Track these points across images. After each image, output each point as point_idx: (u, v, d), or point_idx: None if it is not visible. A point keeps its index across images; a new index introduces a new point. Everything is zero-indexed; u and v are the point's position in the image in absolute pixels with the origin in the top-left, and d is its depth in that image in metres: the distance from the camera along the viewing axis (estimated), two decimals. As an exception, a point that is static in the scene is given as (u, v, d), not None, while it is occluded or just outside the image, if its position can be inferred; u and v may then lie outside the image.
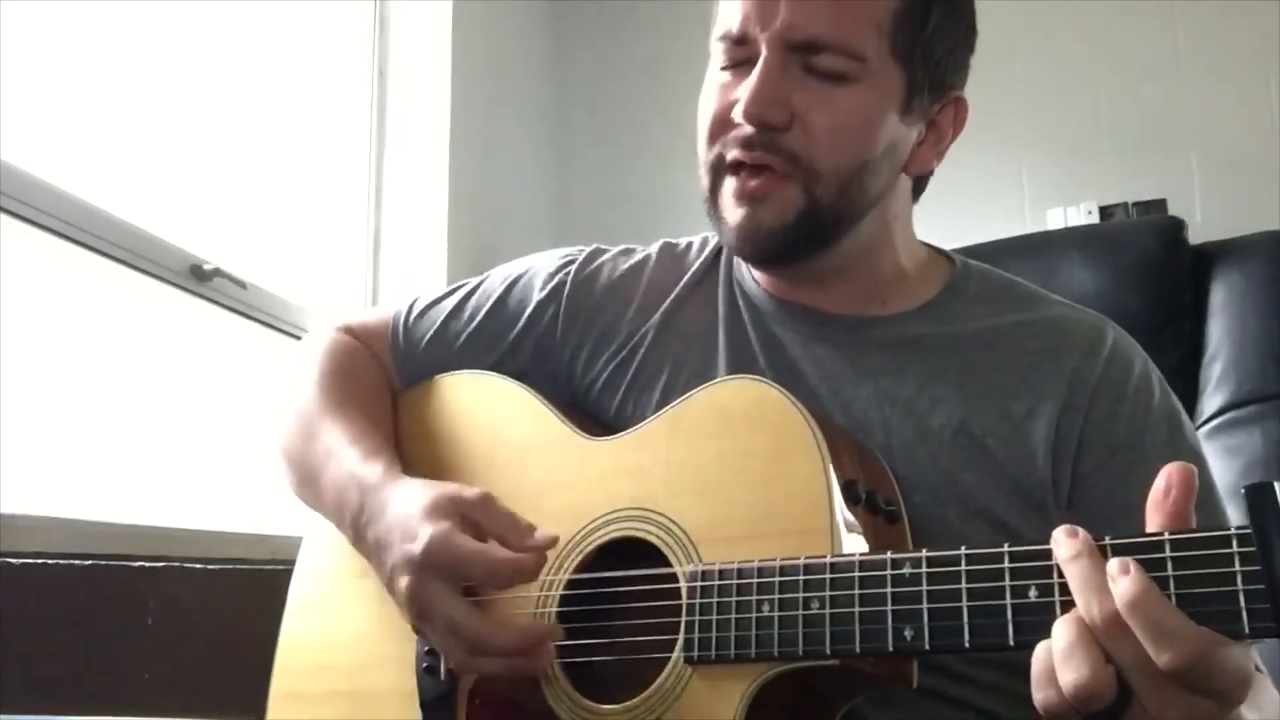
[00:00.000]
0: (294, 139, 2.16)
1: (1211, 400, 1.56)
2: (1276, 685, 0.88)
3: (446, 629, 0.87)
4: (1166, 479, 0.66)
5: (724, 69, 0.98)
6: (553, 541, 0.88)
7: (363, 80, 2.40)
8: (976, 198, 2.53)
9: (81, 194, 1.55)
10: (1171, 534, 0.64)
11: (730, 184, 0.96)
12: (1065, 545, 0.66)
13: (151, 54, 1.78)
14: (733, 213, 0.96)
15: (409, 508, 0.90)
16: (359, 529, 0.95)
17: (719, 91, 0.97)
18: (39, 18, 1.54)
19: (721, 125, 0.96)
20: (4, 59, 1.45)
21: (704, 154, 0.99)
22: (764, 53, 0.93)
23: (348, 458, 1.00)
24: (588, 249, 1.15)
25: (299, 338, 1.97)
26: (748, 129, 0.94)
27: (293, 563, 1.13)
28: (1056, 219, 2.58)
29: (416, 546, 0.86)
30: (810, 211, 0.94)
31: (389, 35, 2.45)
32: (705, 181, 0.99)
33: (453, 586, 0.86)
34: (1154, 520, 0.66)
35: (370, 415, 1.08)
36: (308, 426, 1.07)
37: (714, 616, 0.81)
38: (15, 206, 1.42)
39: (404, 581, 0.87)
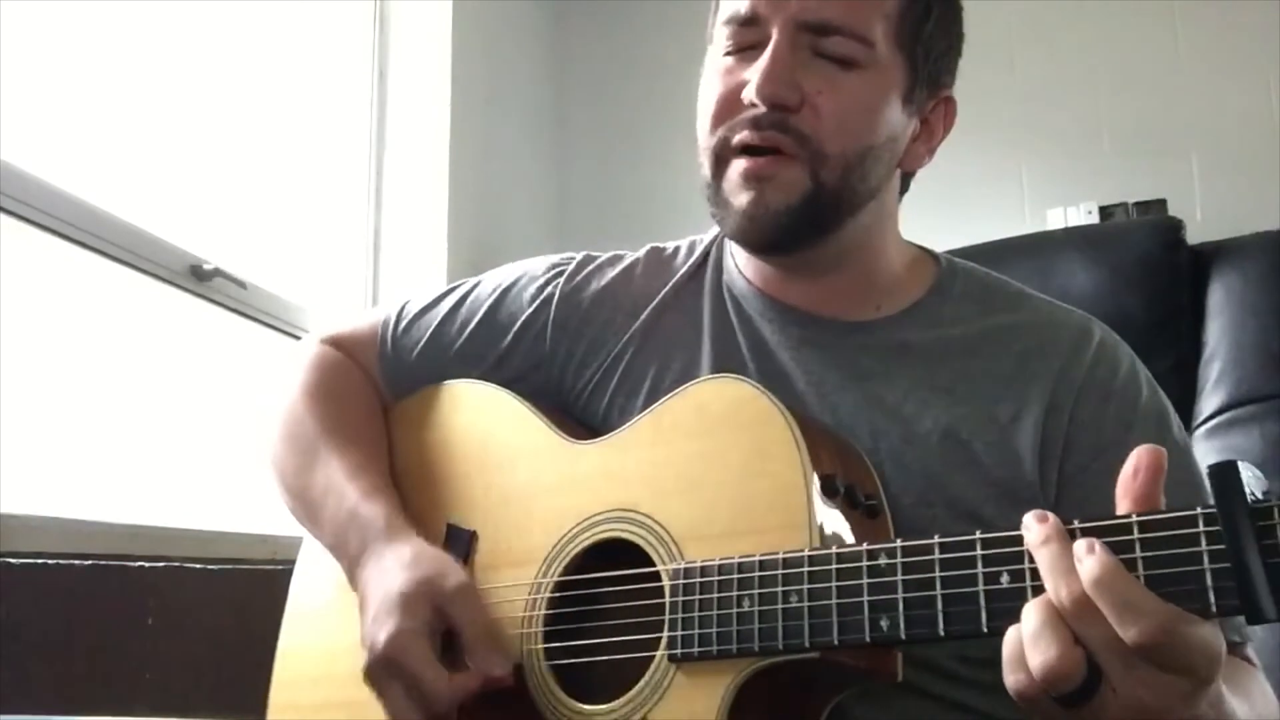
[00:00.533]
0: (294, 139, 2.17)
1: (1210, 400, 1.56)
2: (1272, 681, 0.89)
3: (393, 714, 0.89)
4: (1135, 461, 0.66)
5: (728, 54, 0.97)
6: (511, 663, 0.90)
7: (363, 80, 2.41)
8: (976, 198, 2.53)
9: (81, 194, 1.55)
10: (1139, 515, 0.65)
11: (737, 165, 0.96)
12: (1035, 530, 0.67)
13: (151, 54, 1.79)
14: (738, 196, 0.96)
15: (390, 586, 0.91)
16: (353, 573, 0.98)
17: (723, 75, 0.97)
18: (39, 18, 1.55)
19: (729, 108, 0.96)
20: (4, 59, 1.45)
21: (707, 140, 0.98)
22: (775, 34, 0.94)
23: (347, 495, 1.01)
24: (577, 257, 1.15)
25: (299, 338, 1.97)
26: (759, 109, 0.94)
27: (293, 563, 1.13)
28: (1056, 219, 2.58)
29: (380, 640, 0.88)
30: (814, 194, 0.94)
31: (389, 35, 2.45)
32: (707, 168, 0.99)
33: (402, 686, 0.88)
34: (1123, 503, 0.67)
35: (366, 445, 1.08)
36: (304, 454, 1.07)
37: (696, 614, 0.81)
38: (15, 206, 1.43)
39: (367, 656, 0.90)
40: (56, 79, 1.58)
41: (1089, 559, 0.64)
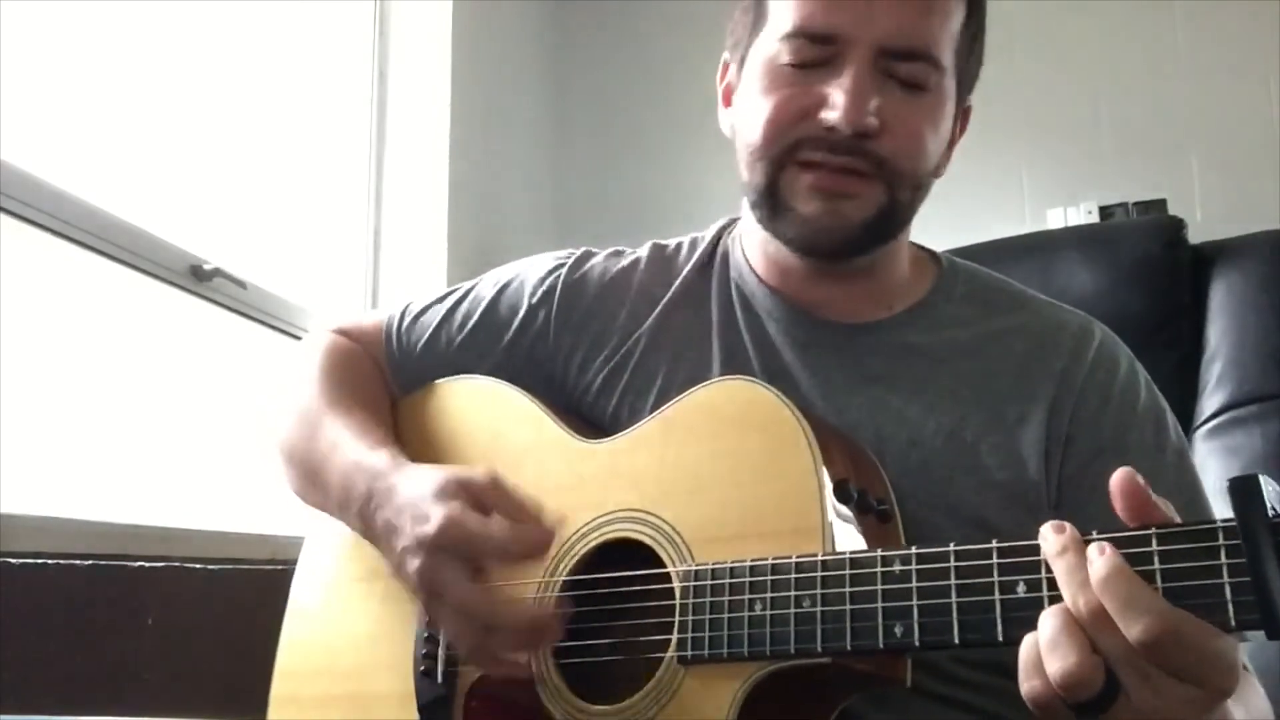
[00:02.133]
0: (294, 139, 2.16)
1: (1211, 400, 1.56)
2: (1266, 687, 0.89)
3: (459, 607, 0.85)
4: (1111, 489, 0.66)
5: (791, 65, 0.96)
6: (561, 521, 0.88)
7: (363, 80, 2.41)
8: (976, 198, 2.53)
9: (81, 194, 1.55)
10: (1158, 528, 0.65)
11: (805, 178, 0.95)
12: (1052, 541, 0.66)
13: (152, 54, 1.78)
14: (807, 204, 0.95)
15: (418, 491, 0.89)
16: (367, 516, 0.94)
17: (787, 85, 0.96)
18: (39, 18, 1.55)
19: (797, 119, 0.95)
20: (4, 59, 1.45)
21: (764, 146, 0.96)
22: (858, 57, 0.92)
23: (353, 449, 1.00)
24: (578, 252, 1.15)
25: (299, 338, 1.97)
26: (842, 133, 0.92)
27: (293, 563, 1.13)
28: (1056, 219, 2.58)
29: (429, 528, 0.85)
30: (890, 209, 0.96)
31: (389, 35, 2.45)
32: (762, 173, 0.97)
33: (465, 567, 0.85)
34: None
35: (372, 411, 1.08)
36: (310, 424, 1.06)
37: (706, 616, 0.81)
38: (15, 206, 1.42)
39: (415, 563, 0.86)
40: (56, 79, 1.58)
41: (1099, 560, 0.64)
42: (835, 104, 0.92)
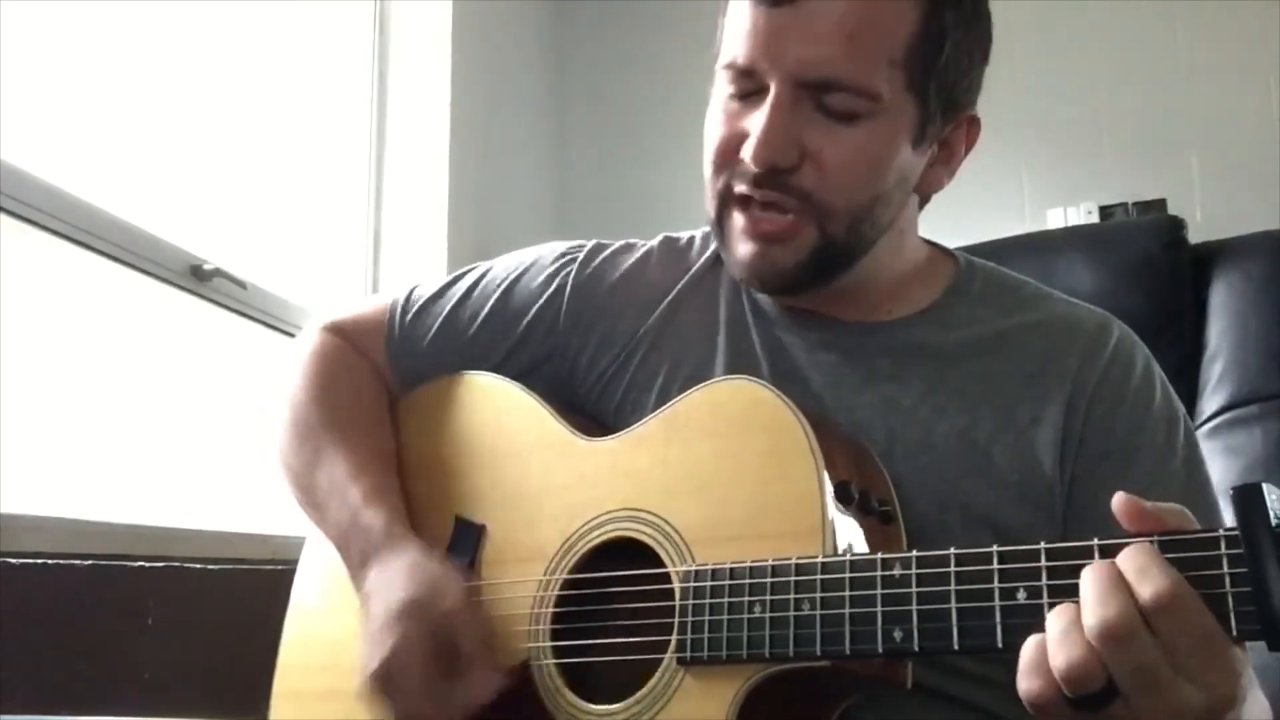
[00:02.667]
0: (294, 139, 2.16)
1: (1211, 400, 1.56)
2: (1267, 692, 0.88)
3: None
4: (1115, 515, 0.66)
5: (731, 97, 0.95)
6: (504, 668, 0.90)
7: (363, 80, 2.41)
8: (976, 198, 2.53)
9: (81, 194, 1.55)
10: (1160, 536, 0.64)
11: (739, 220, 0.95)
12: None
13: (152, 54, 1.78)
14: (742, 247, 0.95)
15: (387, 602, 0.91)
16: (356, 582, 0.98)
17: (726, 120, 0.95)
18: (39, 18, 1.55)
19: (728, 156, 0.94)
20: (4, 59, 1.45)
21: (710, 181, 0.97)
22: (773, 91, 0.90)
23: (350, 498, 1.01)
24: (588, 245, 1.13)
25: (299, 338, 1.97)
26: (754, 169, 0.92)
27: (293, 563, 1.13)
28: (1056, 219, 2.58)
29: (375, 659, 0.89)
30: (823, 248, 0.93)
31: (389, 35, 2.45)
32: (712, 209, 0.98)
33: (396, 708, 0.89)
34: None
35: (371, 441, 1.08)
36: (310, 452, 1.07)
37: (706, 617, 0.81)
38: (15, 206, 1.42)
39: (371, 664, 0.90)
40: (56, 79, 1.58)
41: (1149, 577, 0.62)
42: (751, 137, 0.91)
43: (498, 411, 1.05)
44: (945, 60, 0.92)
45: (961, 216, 2.02)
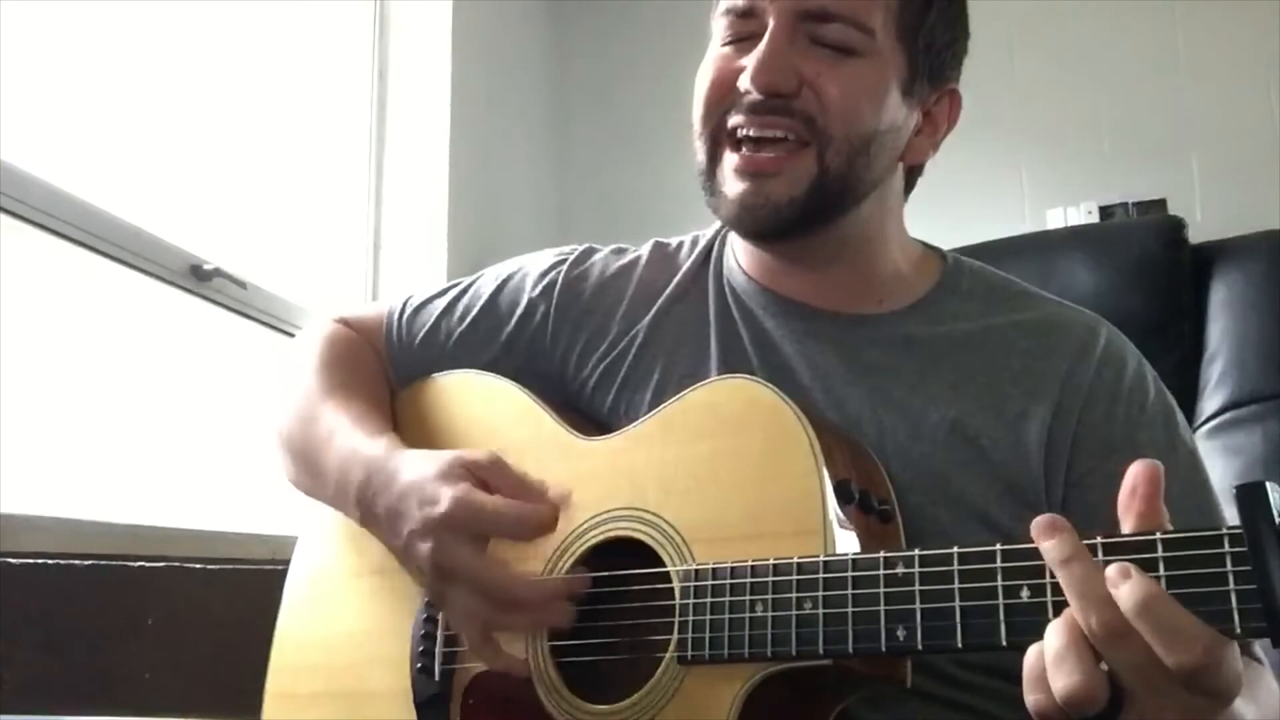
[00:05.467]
0: (294, 139, 2.16)
1: (1211, 400, 1.56)
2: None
3: (474, 584, 0.85)
4: (1132, 478, 0.66)
5: (726, 44, 0.97)
6: (567, 498, 0.88)
7: (363, 80, 2.41)
8: (976, 198, 2.53)
9: (81, 194, 1.55)
10: (1164, 534, 0.64)
11: (732, 158, 0.96)
12: (1055, 548, 0.65)
13: (152, 54, 1.79)
14: (733, 186, 0.95)
15: (422, 474, 0.89)
16: (367, 503, 0.94)
17: (720, 62, 0.97)
18: (39, 18, 1.55)
19: (724, 93, 0.96)
20: (4, 59, 1.45)
21: (701, 125, 0.98)
22: (772, 22, 0.93)
23: (350, 436, 0.99)
24: (580, 248, 1.14)
25: (299, 338, 1.97)
26: (755, 96, 0.93)
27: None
28: (1056, 219, 2.58)
29: (439, 509, 0.85)
30: (820, 182, 0.94)
31: (389, 35, 2.45)
32: (702, 154, 0.98)
33: (477, 545, 0.85)
34: (1125, 521, 0.66)
35: (371, 399, 1.08)
36: (308, 412, 1.06)
37: (707, 617, 0.81)
38: (15, 206, 1.42)
39: (425, 546, 0.86)
40: (56, 79, 1.58)
41: (1127, 585, 0.62)
42: (748, 68, 0.93)
43: (494, 410, 1.05)
44: (933, 20, 0.97)
45: (961, 216, 2.03)
